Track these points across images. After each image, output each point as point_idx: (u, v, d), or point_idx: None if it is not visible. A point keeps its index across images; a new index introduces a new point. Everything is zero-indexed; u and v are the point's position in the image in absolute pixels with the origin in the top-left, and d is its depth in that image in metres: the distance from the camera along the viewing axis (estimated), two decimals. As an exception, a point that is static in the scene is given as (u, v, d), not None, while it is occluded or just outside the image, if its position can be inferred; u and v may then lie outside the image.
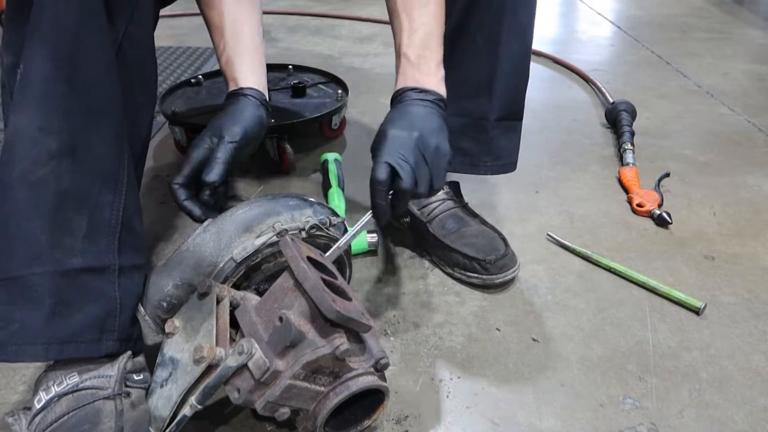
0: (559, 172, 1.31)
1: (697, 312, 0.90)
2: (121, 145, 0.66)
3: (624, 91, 1.74)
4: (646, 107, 1.63)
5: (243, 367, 0.59)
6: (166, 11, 1.05)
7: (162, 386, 0.63)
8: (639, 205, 1.15)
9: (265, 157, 1.29)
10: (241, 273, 0.70)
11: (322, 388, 0.62)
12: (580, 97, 1.74)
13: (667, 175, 1.28)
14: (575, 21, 2.64)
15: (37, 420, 0.60)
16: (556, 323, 0.88)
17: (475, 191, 1.19)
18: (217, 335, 0.61)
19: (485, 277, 0.93)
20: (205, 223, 0.71)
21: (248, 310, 0.63)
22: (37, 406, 0.61)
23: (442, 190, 1.03)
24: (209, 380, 0.59)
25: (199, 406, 0.60)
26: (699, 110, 1.64)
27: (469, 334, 0.86)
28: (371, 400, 0.67)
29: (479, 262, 0.93)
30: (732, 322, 0.89)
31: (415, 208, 1.01)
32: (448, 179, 1.05)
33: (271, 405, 0.60)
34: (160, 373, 0.64)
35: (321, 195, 1.20)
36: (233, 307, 0.65)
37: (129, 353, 0.65)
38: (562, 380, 0.79)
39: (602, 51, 2.18)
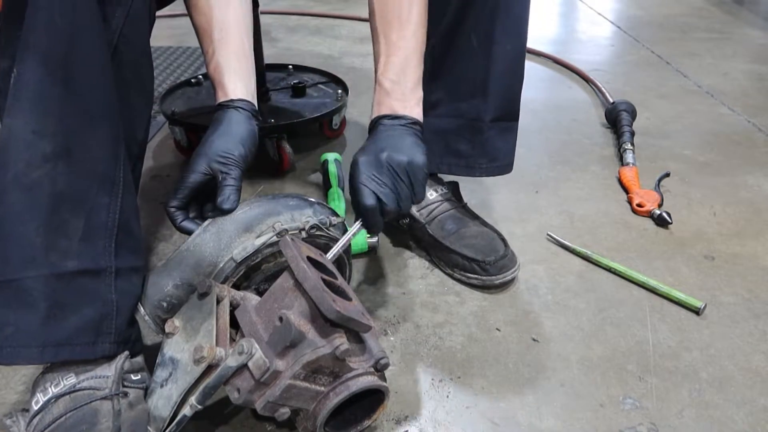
0: (559, 172, 1.31)
1: (697, 312, 0.90)
2: (117, 147, 0.65)
3: (624, 91, 1.74)
4: (646, 107, 1.63)
5: (243, 367, 0.59)
6: (166, 11, 1.05)
7: (162, 386, 0.63)
8: (639, 205, 1.15)
9: (265, 157, 1.29)
10: (241, 273, 0.70)
11: (322, 388, 0.62)
12: (580, 97, 1.74)
13: (667, 175, 1.28)
14: (575, 21, 2.64)
15: (35, 421, 0.61)
16: (556, 323, 0.88)
17: (475, 191, 1.19)
18: (217, 335, 0.61)
19: (485, 278, 0.93)
20: (205, 223, 0.71)
21: (248, 310, 0.63)
22: (35, 408, 0.61)
23: (441, 191, 1.03)
24: (209, 380, 0.59)
25: (199, 406, 0.60)
26: (699, 110, 1.64)
27: (469, 334, 0.86)
28: (371, 400, 0.67)
29: (479, 263, 0.93)
30: (732, 322, 0.89)
31: (414, 209, 1.01)
32: (446, 180, 1.05)
33: (271, 405, 0.60)
34: (160, 373, 0.64)
35: (321, 195, 1.20)
36: (233, 307, 0.65)
37: (126, 353, 0.65)
38: (562, 380, 0.79)
39: (602, 51, 2.18)
